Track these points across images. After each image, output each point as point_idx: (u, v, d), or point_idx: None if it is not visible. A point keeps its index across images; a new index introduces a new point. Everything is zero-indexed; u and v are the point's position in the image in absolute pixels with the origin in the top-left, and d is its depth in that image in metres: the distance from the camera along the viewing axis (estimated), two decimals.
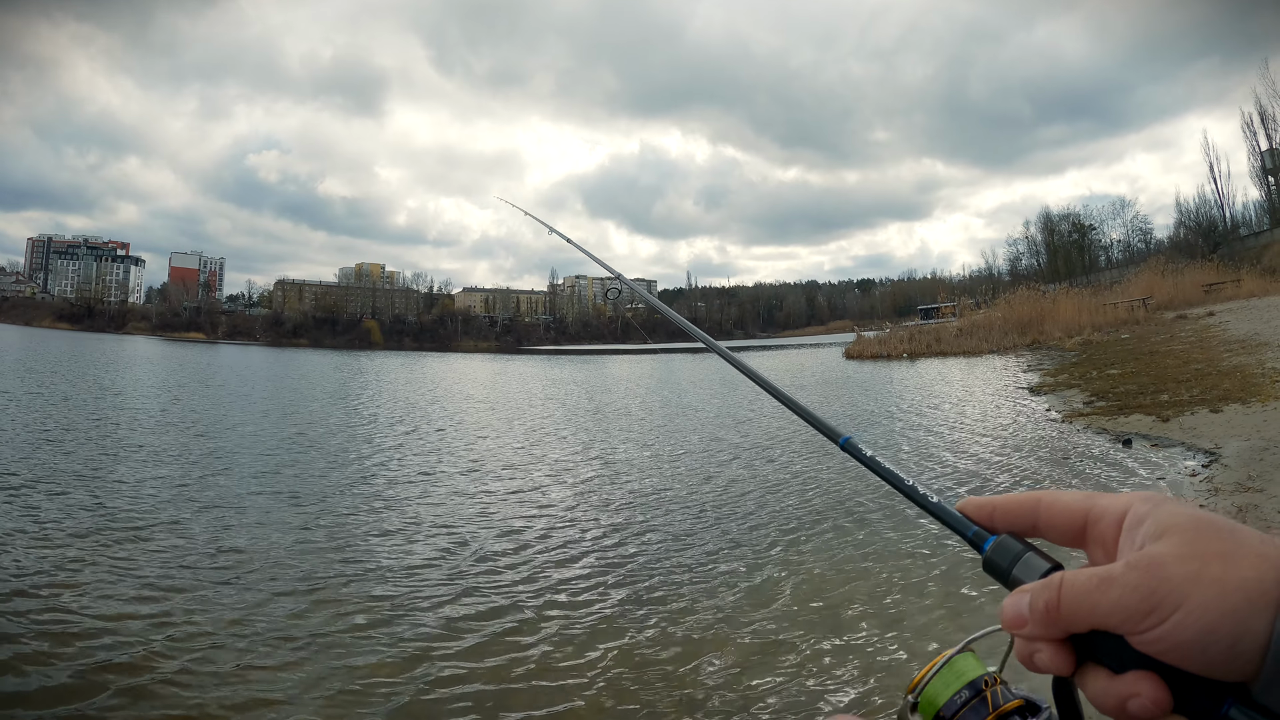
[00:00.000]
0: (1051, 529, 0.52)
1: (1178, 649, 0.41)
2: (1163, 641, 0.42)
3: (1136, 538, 0.45)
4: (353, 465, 10.50)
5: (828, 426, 0.70)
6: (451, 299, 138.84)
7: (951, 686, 0.57)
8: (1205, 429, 9.47)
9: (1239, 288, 34.20)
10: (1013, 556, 0.51)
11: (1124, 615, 0.43)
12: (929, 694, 0.57)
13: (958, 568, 5.53)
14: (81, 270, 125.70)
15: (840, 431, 0.68)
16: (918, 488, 0.60)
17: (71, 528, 6.67)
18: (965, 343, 34.59)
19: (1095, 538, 0.49)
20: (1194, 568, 0.41)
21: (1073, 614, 0.45)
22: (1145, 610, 0.42)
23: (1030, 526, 0.53)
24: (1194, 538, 0.43)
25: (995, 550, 0.52)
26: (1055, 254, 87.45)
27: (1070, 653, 0.46)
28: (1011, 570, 0.51)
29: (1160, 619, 0.42)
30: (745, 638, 4.62)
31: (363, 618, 4.92)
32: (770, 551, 6.32)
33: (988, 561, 0.53)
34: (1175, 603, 0.41)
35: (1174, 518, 0.44)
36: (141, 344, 75.85)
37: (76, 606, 4.88)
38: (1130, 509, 0.47)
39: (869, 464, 0.65)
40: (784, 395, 0.78)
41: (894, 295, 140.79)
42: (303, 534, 6.89)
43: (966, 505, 0.56)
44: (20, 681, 3.88)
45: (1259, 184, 58.41)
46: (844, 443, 0.67)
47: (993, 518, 0.54)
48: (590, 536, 6.91)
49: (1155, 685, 0.43)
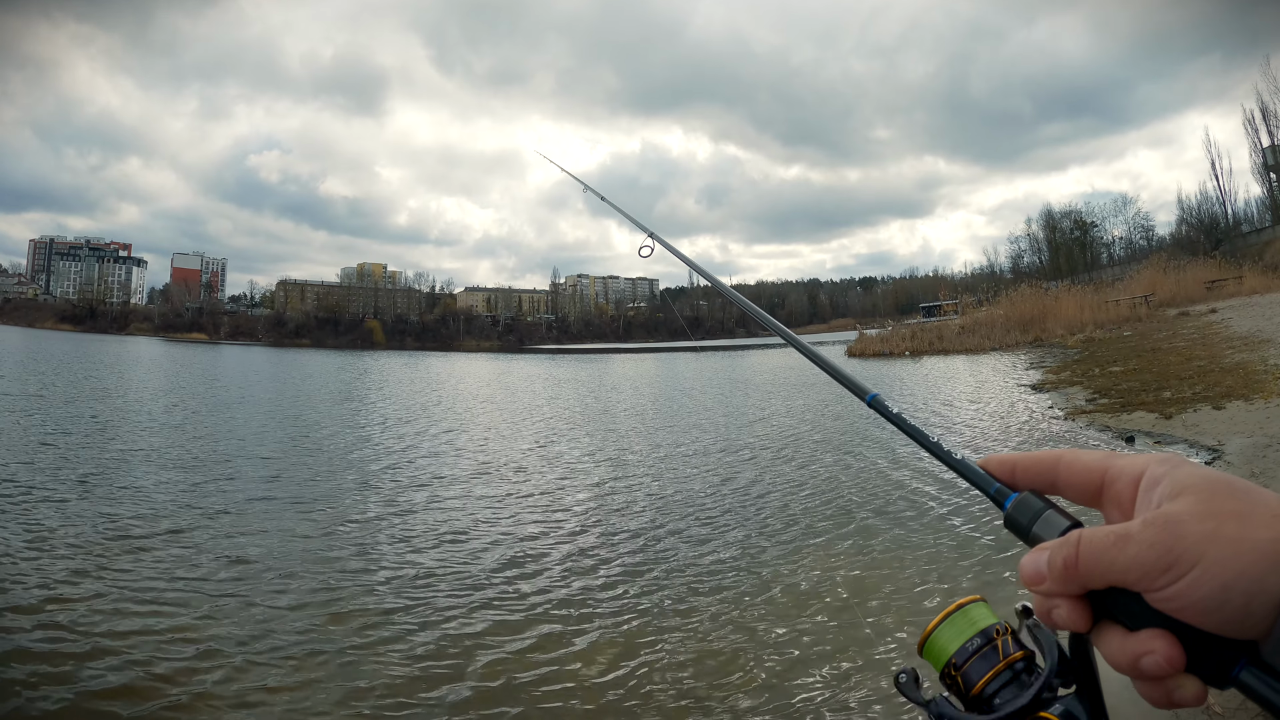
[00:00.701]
0: (1070, 487, 0.53)
1: (1192, 606, 0.42)
2: (1178, 599, 0.42)
3: (1153, 497, 0.46)
4: (369, 468, 10.55)
5: (856, 384, 0.73)
6: (453, 298, 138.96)
7: (965, 633, 0.59)
8: (1208, 426, 9.47)
9: (1241, 284, 34.18)
10: (1033, 514, 0.52)
11: (1141, 572, 0.43)
12: (941, 641, 0.59)
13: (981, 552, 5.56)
14: (83, 271, 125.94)
15: (867, 389, 0.71)
16: (942, 444, 0.61)
17: (74, 537, 6.63)
18: (967, 340, 34.58)
19: (1112, 497, 0.50)
20: (1210, 526, 0.42)
21: (1090, 570, 0.46)
22: (1162, 567, 0.43)
23: (1050, 484, 0.54)
24: (1210, 497, 0.43)
25: (1016, 508, 0.53)
26: (1057, 251, 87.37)
27: (1087, 609, 0.47)
28: (1032, 528, 0.52)
29: (1176, 576, 0.42)
30: (773, 641, 4.64)
31: (381, 630, 4.85)
32: (796, 553, 6.33)
33: (1009, 518, 0.53)
34: (1191, 560, 0.42)
35: (1191, 477, 0.45)
36: (144, 345, 76.02)
37: (76, 618, 4.82)
38: (1147, 469, 0.48)
39: (896, 420, 0.68)
40: (821, 359, 0.85)
41: (896, 293, 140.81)
42: (311, 541, 6.92)
43: (989, 462, 0.57)
44: (23, 700, 3.81)
45: (1261, 181, 58.47)
46: (871, 399, 0.70)
47: (1014, 474, 0.55)
48: (609, 543, 6.87)
49: (1169, 643, 0.43)
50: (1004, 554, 5.61)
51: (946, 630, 0.59)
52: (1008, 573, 5.20)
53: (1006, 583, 5.06)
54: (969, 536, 6.23)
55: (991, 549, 5.82)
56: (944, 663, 0.59)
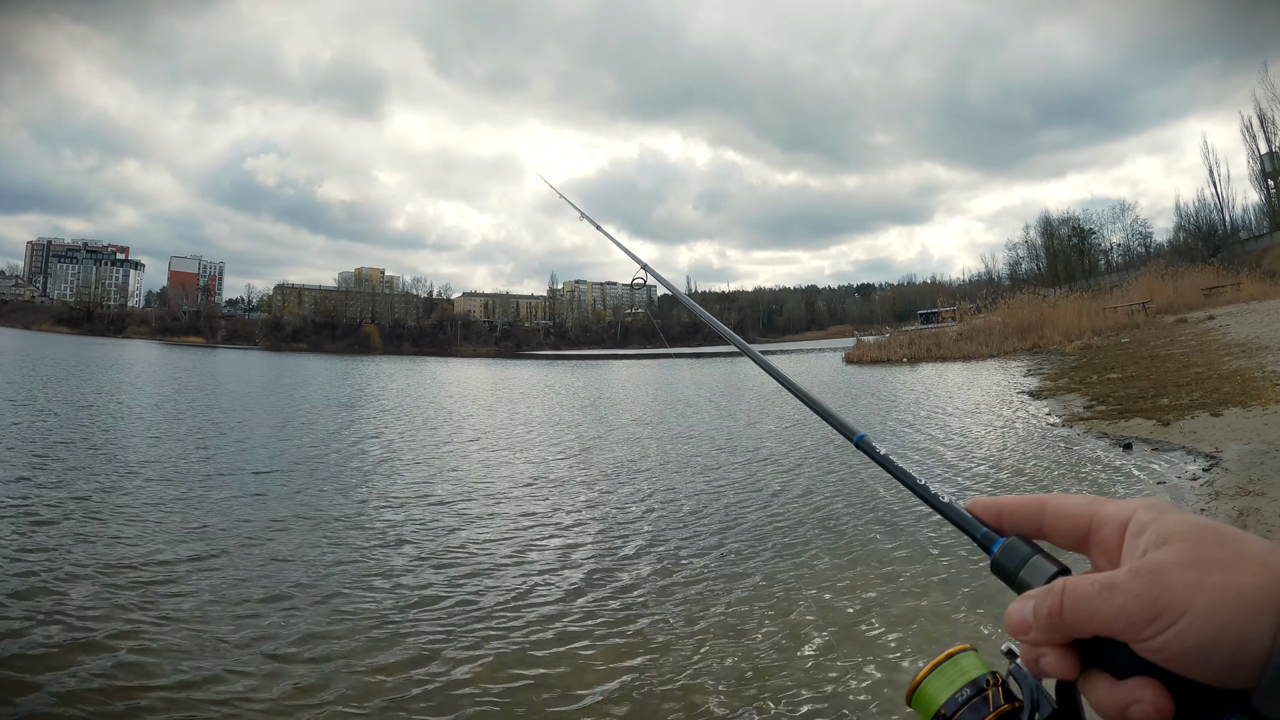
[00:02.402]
0: (1056, 533, 0.52)
1: (1180, 657, 0.42)
2: (1165, 649, 0.42)
3: (1139, 545, 0.46)
4: (368, 471, 10.48)
5: (844, 424, 0.72)
6: (451, 304, 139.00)
7: (955, 684, 0.57)
8: (1206, 433, 9.45)
9: (1239, 291, 34.21)
10: (1020, 559, 0.52)
11: (1127, 622, 0.43)
12: (930, 691, 0.57)
13: (972, 579, 5.50)
14: (81, 274, 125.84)
15: (855, 429, 0.70)
16: (929, 487, 0.61)
17: (75, 543, 6.58)
18: (965, 347, 34.55)
19: (1098, 544, 0.50)
20: (1196, 575, 0.42)
21: (1075, 620, 0.45)
22: (1148, 618, 0.42)
23: (1035, 529, 0.53)
24: (1196, 545, 0.43)
25: (1003, 553, 0.53)
26: (1055, 258, 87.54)
27: (1074, 657, 0.47)
28: (1018, 574, 0.51)
29: (1163, 627, 0.42)
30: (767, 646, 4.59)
31: (381, 631, 4.83)
32: (777, 587, 6.26)
33: (995, 563, 0.53)
34: (1178, 611, 0.41)
35: (1177, 525, 0.45)
36: (141, 348, 75.88)
37: (71, 620, 4.82)
38: (1133, 516, 0.48)
39: (882, 462, 0.66)
40: (805, 395, 0.82)
41: (894, 300, 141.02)
42: (309, 545, 6.85)
43: (975, 505, 0.57)
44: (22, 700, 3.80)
45: (1259, 187, 58.60)
46: (858, 440, 0.69)
47: (1000, 518, 0.55)
48: (599, 561, 6.79)
49: (1157, 692, 0.43)
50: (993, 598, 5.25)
51: (936, 680, 0.58)
52: (994, 623, 4.93)
53: (996, 628, 4.63)
54: (957, 578, 5.68)
55: (981, 591, 5.47)
56: (933, 714, 0.58)
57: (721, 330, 1.03)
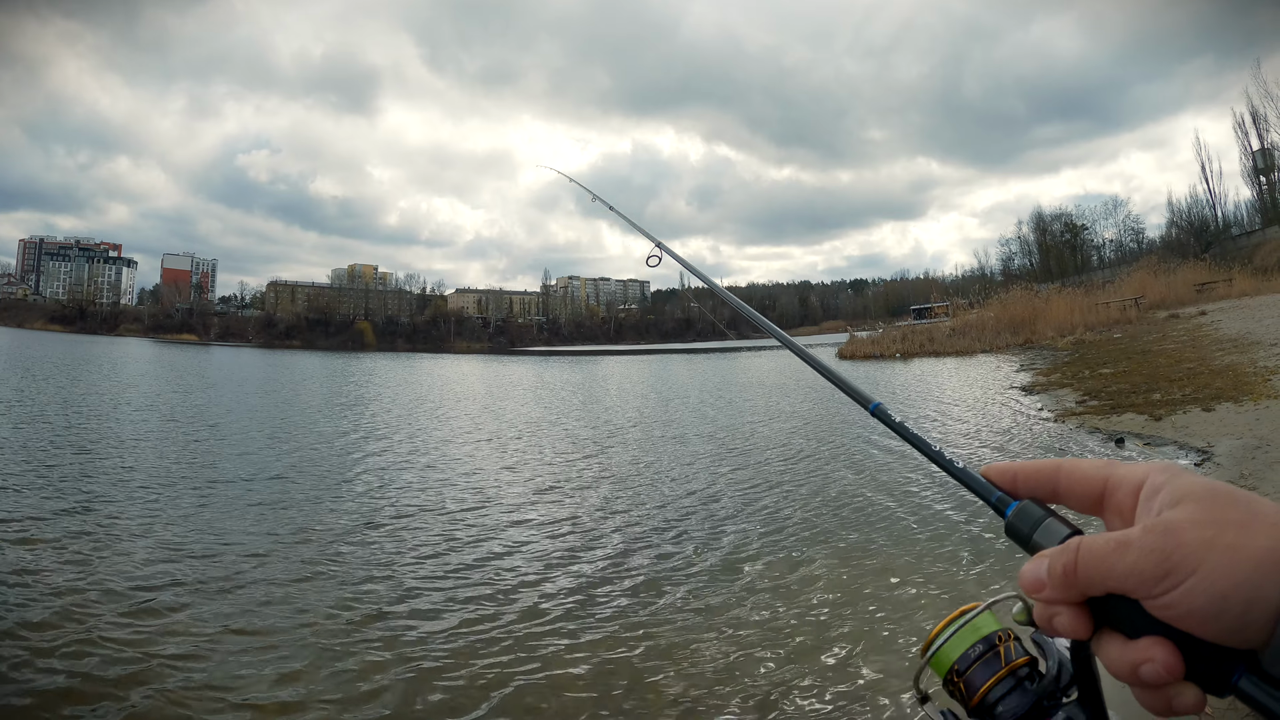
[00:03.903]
0: (1071, 495, 0.53)
1: (1191, 614, 0.42)
2: (1176, 606, 0.42)
3: (1154, 505, 0.46)
4: (366, 472, 10.46)
5: (859, 393, 0.74)
6: (444, 300, 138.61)
7: (968, 639, 0.59)
8: (1198, 427, 9.51)
9: (1231, 287, 34.42)
10: (1034, 522, 0.52)
11: (1139, 579, 0.44)
12: (944, 647, 0.58)
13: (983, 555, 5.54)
14: (73, 272, 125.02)
15: (870, 398, 0.72)
16: (944, 453, 0.61)
17: (77, 548, 6.56)
18: (958, 342, 34.69)
19: (1113, 506, 0.50)
20: (1209, 534, 0.42)
21: (1089, 577, 0.46)
22: (1160, 574, 0.43)
23: (1051, 493, 0.54)
24: (1210, 505, 0.44)
25: (1017, 515, 0.53)
26: (1048, 254, 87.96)
27: (1088, 617, 0.47)
28: (1032, 535, 0.52)
29: (1175, 583, 0.42)
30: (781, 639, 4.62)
31: (378, 631, 4.82)
32: (795, 556, 6.30)
33: (1010, 526, 0.54)
34: (1190, 568, 0.42)
35: (1191, 486, 0.45)
36: (134, 346, 75.45)
37: (68, 618, 4.80)
38: (1148, 477, 0.48)
39: (898, 429, 0.67)
40: (824, 367, 0.86)
41: (887, 295, 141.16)
42: (307, 545, 6.83)
43: (990, 470, 0.57)
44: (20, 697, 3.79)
45: (1250, 183, 59.01)
46: (874, 409, 0.71)
47: (1015, 483, 0.55)
48: (607, 546, 6.82)
49: (1168, 651, 0.43)
50: (1008, 561, 5.57)
51: (950, 635, 0.59)
52: (1007, 580, 5.16)
53: (1008, 589, 4.92)
54: (972, 541, 6.19)
55: (995, 555, 5.79)
56: (947, 668, 0.59)
57: (752, 313, 1.05)
